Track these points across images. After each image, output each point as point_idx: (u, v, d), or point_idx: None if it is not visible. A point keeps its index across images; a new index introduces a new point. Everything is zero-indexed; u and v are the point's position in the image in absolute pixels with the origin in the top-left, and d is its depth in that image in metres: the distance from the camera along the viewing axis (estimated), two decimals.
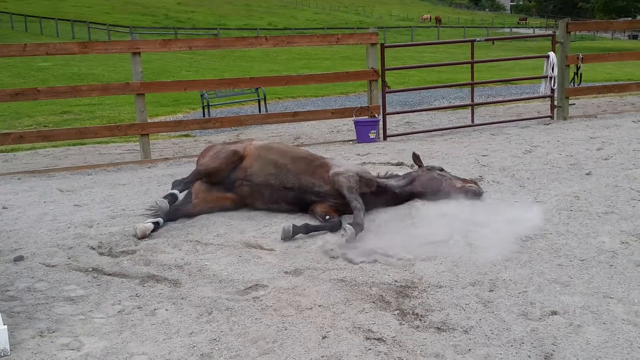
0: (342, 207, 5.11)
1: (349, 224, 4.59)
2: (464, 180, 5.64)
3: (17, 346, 3.15)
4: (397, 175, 5.81)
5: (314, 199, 5.21)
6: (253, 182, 5.36)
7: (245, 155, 5.48)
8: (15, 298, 3.76)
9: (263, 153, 5.45)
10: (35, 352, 3.11)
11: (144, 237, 4.82)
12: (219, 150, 5.55)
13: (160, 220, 5.06)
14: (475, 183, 5.63)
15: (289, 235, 4.65)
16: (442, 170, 5.71)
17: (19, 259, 4.42)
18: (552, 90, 10.59)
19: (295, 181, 5.24)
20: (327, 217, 5.01)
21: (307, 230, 4.74)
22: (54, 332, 3.32)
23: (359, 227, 4.59)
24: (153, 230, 4.92)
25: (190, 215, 5.33)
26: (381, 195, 5.34)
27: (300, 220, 5.15)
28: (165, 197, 5.18)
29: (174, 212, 5.25)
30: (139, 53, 8.50)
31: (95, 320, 3.47)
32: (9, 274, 4.15)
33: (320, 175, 5.24)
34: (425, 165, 5.83)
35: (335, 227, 4.86)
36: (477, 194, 5.40)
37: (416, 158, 5.77)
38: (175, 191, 5.28)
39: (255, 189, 5.37)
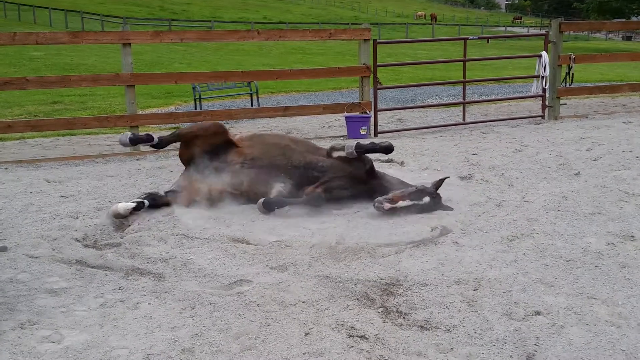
0: (332, 187, 5.32)
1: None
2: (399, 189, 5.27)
3: None
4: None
5: (315, 175, 5.38)
6: (257, 164, 5.37)
7: (236, 142, 5.51)
8: None
9: (257, 139, 5.61)
10: (15, 344, 3.08)
11: (117, 216, 4.94)
12: (205, 122, 5.70)
13: (145, 201, 5.15)
14: (402, 198, 5.05)
15: (268, 210, 5.07)
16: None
17: (3, 249, 4.38)
18: (544, 90, 10.60)
19: (302, 159, 5.43)
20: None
21: (283, 203, 5.13)
22: (34, 324, 3.29)
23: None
24: (136, 209, 5.04)
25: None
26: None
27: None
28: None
29: (160, 198, 5.33)
30: (130, 44, 8.44)
31: (77, 313, 3.44)
32: None
33: (320, 153, 5.54)
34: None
35: (310, 202, 5.16)
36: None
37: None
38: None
39: (259, 171, 5.35)
